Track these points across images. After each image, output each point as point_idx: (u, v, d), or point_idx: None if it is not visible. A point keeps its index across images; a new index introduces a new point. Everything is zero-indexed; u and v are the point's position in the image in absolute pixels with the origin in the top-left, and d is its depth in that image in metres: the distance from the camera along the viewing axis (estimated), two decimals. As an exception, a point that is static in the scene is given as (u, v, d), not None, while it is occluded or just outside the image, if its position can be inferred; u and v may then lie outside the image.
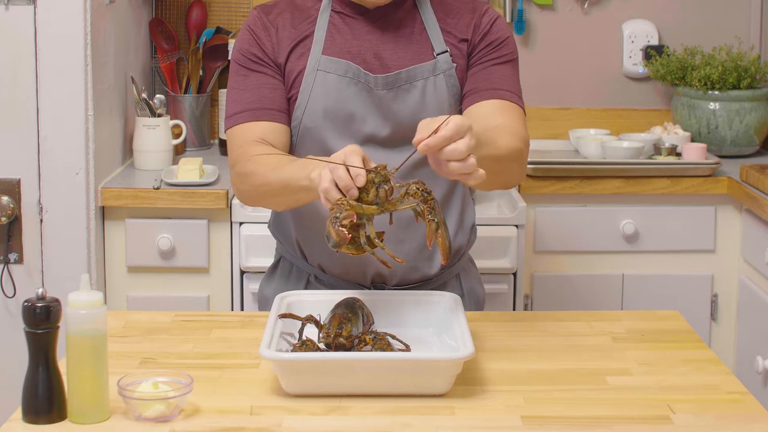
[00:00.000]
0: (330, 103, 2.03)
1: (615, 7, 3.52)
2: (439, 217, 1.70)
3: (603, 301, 3.06)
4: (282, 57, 2.06)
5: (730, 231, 3.07)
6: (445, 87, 2.06)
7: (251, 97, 2.05)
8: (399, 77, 2.04)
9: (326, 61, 2.04)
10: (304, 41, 2.06)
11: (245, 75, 2.07)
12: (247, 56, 2.07)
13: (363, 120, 2.04)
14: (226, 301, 2.90)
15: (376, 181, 1.68)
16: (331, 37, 2.06)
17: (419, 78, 2.05)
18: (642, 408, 1.62)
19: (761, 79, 3.31)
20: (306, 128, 2.05)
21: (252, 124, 2.03)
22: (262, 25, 2.08)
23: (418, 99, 2.05)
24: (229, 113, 2.07)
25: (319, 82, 2.03)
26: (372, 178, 1.68)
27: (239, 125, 2.04)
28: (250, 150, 1.99)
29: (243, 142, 2.02)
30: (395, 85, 2.04)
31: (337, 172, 1.69)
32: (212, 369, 1.76)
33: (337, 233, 1.63)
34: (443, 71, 2.06)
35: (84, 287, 1.54)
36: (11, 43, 2.71)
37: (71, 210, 2.77)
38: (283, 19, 2.09)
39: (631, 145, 3.12)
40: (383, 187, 1.69)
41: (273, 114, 2.04)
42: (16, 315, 2.78)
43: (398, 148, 2.04)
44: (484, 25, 2.10)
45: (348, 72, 2.03)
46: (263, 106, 2.04)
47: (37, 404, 1.54)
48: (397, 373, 1.63)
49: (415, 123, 2.00)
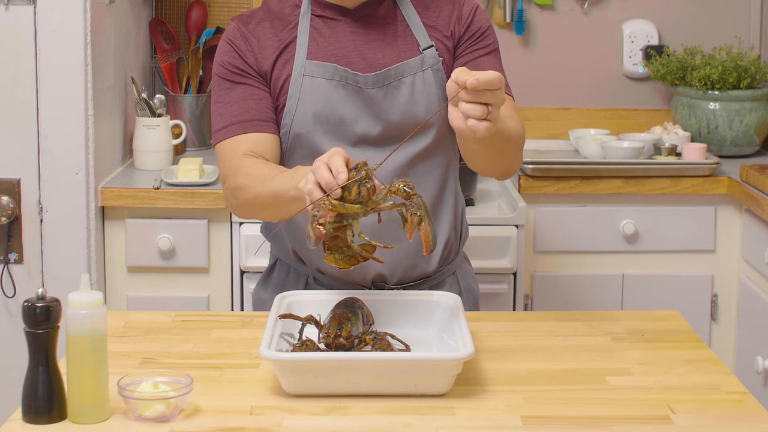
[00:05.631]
0: (319, 108, 2.02)
1: (615, 7, 3.52)
2: (422, 210, 1.69)
3: (603, 301, 3.06)
4: (267, 66, 2.05)
5: (730, 231, 3.07)
6: (433, 81, 2.06)
7: (237, 110, 2.03)
8: (388, 74, 2.04)
9: (312, 66, 2.03)
10: (288, 48, 2.05)
11: (229, 88, 2.05)
12: (229, 69, 2.05)
13: (354, 121, 2.03)
14: (226, 301, 2.90)
15: (358, 178, 1.68)
16: (314, 41, 2.05)
17: (407, 74, 2.05)
18: (642, 408, 1.62)
19: (761, 79, 3.31)
20: (296, 134, 2.04)
21: (240, 137, 2.02)
22: (242, 36, 2.06)
23: (407, 96, 2.04)
24: (216, 128, 2.06)
25: (307, 87, 2.02)
26: (353, 176, 1.68)
27: (227, 139, 2.03)
28: (239, 163, 1.98)
29: (232, 156, 2.01)
30: (385, 83, 2.03)
31: (318, 171, 1.68)
32: (212, 369, 1.76)
33: (313, 230, 1.63)
34: (431, 66, 2.06)
35: (84, 287, 1.54)
36: (11, 43, 2.71)
37: (71, 210, 2.77)
38: (263, 28, 2.07)
39: (631, 145, 3.13)
40: (365, 185, 1.68)
41: (260, 125, 2.03)
42: (16, 315, 2.78)
43: (390, 147, 2.04)
44: (465, 16, 2.10)
45: (335, 75, 2.02)
46: (250, 118, 2.03)
47: (37, 404, 1.54)
48: (397, 373, 1.63)
49: (406, 120, 2.03)
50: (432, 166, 2.08)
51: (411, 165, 2.05)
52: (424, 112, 2.04)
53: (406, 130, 2.03)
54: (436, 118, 2.04)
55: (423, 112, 2.04)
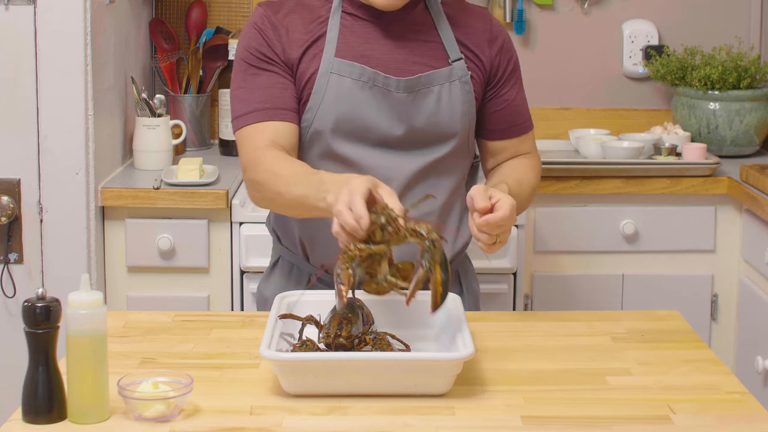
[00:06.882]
0: (343, 108, 2.01)
1: (615, 7, 3.52)
2: (430, 262, 1.67)
3: (603, 301, 3.06)
4: (294, 58, 2.03)
5: (730, 231, 3.07)
6: (459, 94, 2.06)
7: (262, 97, 2.02)
8: (420, 81, 2.04)
9: (340, 64, 2.02)
10: (317, 42, 2.04)
11: (255, 74, 2.03)
12: (256, 55, 2.04)
13: (376, 124, 2.02)
14: (226, 301, 2.90)
15: (380, 223, 1.69)
16: (344, 39, 2.04)
17: (436, 83, 2.05)
18: (642, 408, 1.62)
19: (761, 79, 3.31)
20: (316, 131, 2.03)
21: (263, 124, 2.00)
22: (271, 24, 2.05)
23: (433, 104, 2.05)
24: (238, 113, 2.04)
25: (333, 85, 2.01)
26: (374, 219, 1.69)
27: (250, 126, 2.01)
28: (262, 156, 1.97)
29: (254, 146, 2.00)
30: (415, 89, 2.03)
31: (342, 216, 1.69)
32: (212, 369, 1.76)
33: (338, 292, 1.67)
34: (458, 78, 2.07)
35: (84, 287, 1.54)
36: (11, 43, 2.71)
37: (71, 210, 2.77)
38: (292, 19, 2.05)
39: (631, 145, 3.12)
40: (387, 228, 1.69)
41: (284, 113, 2.02)
42: (16, 315, 2.78)
43: (410, 151, 2.04)
44: (500, 41, 2.14)
45: (363, 76, 2.02)
46: (275, 106, 2.01)
47: (37, 404, 1.54)
48: (397, 373, 1.63)
49: (429, 128, 2.05)
50: (449, 170, 2.09)
51: (429, 169, 2.06)
52: (447, 122, 2.06)
53: (427, 136, 2.05)
54: (460, 126, 2.07)
55: (446, 122, 2.06)
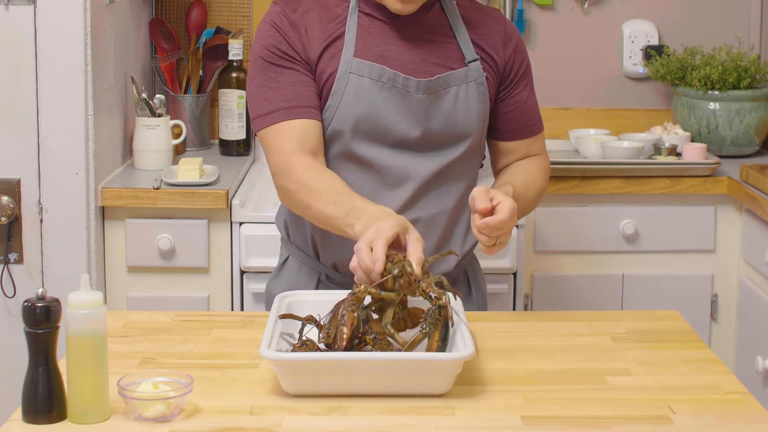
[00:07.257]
0: (362, 108, 2.01)
1: (615, 7, 3.52)
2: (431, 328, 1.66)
3: (603, 301, 3.06)
4: (314, 56, 2.03)
5: (730, 231, 3.07)
6: (475, 95, 2.07)
7: (286, 95, 2.01)
8: (439, 82, 2.04)
9: (359, 64, 2.02)
10: (336, 42, 2.04)
11: (277, 72, 2.03)
12: (276, 53, 2.03)
13: (395, 124, 2.03)
14: (226, 301, 2.90)
15: (393, 274, 1.70)
16: (362, 40, 2.04)
17: (453, 84, 2.06)
18: (642, 408, 1.62)
19: (761, 79, 3.31)
20: (335, 131, 2.03)
21: (288, 123, 2.00)
22: (289, 22, 2.04)
23: (450, 105, 2.05)
24: (261, 112, 2.03)
25: (352, 85, 2.01)
26: (389, 268, 1.70)
27: (275, 125, 2.01)
28: (293, 163, 1.98)
29: (282, 149, 1.99)
30: (434, 90, 2.04)
31: (360, 254, 1.73)
32: (212, 369, 1.76)
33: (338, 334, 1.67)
34: (474, 79, 2.07)
35: (84, 287, 1.54)
36: (11, 43, 2.71)
37: (71, 210, 2.77)
38: (311, 17, 2.05)
39: (631, 145, 3.12)
40: (399, 280, 1.70)
41: (309, 111, 2.01)
42: (16, 315, 2.78)
43: (426, 152, 2.05)
44: (513, 42, 2.15)
45: (382, 76, 2.02)
46: (300, 104, 2.01)
47: (37, 404, 1.54)
48: (397, 373, 1.63)
49: (445, 129, 2.06)
50: (462, 172, 2.10)
51: (442, 172, 2.07)
52: (463, 123, 2.07)
53: (443, 138, 2.06)
54: (475, 127, 2.08)
55: (461, 123, 2.07)
